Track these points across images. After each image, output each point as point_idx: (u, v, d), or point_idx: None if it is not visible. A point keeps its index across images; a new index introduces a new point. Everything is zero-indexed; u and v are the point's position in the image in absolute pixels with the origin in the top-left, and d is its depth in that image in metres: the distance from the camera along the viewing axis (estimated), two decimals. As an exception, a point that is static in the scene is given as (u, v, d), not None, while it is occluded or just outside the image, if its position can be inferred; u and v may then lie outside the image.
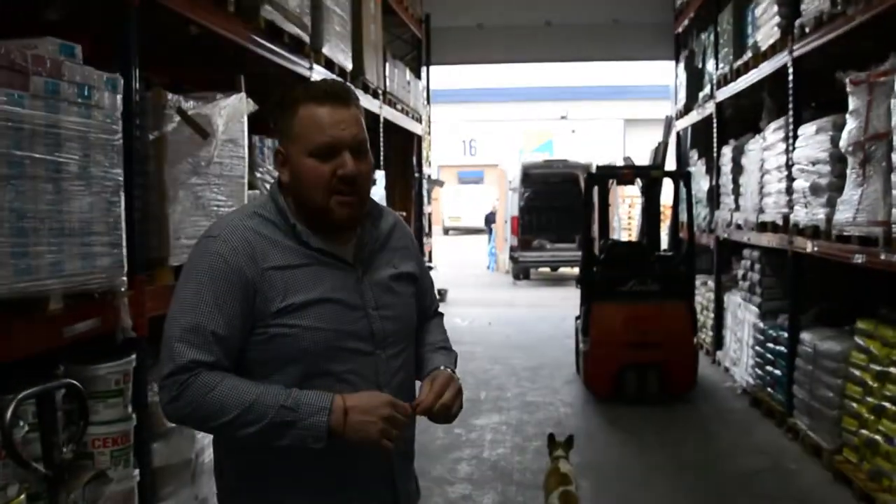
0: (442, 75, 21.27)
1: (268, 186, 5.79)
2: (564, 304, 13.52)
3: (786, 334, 6.93)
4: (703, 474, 5.92)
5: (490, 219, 24.07)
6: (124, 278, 3.68)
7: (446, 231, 35.52)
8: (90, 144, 3.38)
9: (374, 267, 2.21)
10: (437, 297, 2.60)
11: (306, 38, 6.51)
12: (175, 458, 4.24)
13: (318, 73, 7.14)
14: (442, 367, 2.23)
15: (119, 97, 3.62)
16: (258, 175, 5.64)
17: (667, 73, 15.00)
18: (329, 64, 7.42)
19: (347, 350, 2.10)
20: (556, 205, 19.18)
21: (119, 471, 3.70)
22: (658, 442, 6.65)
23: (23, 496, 3.03)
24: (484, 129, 37.05)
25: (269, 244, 2.09)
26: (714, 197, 9.57)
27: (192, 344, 2.00)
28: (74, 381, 2.79)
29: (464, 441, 6.79)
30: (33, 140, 3.02)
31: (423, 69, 13.67)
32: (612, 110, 34.29)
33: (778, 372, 7.14)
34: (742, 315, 8.27)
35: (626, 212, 22.30)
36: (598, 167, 9.58)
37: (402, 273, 2.27)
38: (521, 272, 19.92)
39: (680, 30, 12.43)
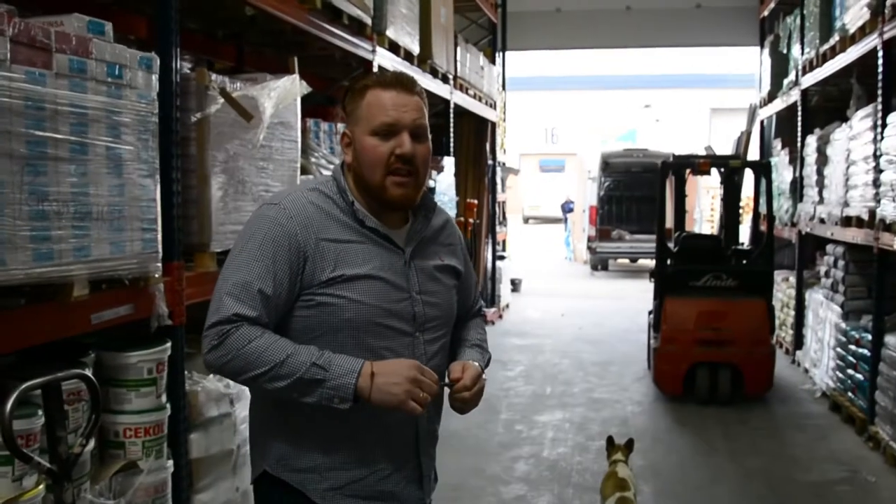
0: (524, 62, 20.99)
1: (322, 172, 5.69)
2: (642, 296, 13.12)
3: (869, 336, 6.54)
4: (773, 483, 5.58)
5: (566, 208, 23.72)
6: (158, 264, 3.57)
7: (526, 220, 35.27)
8: (121, 125, 3.27)
9: (422, 255, 2.31)
10: (480, 298, 2.64)
11: (367, 20, 6.35)
12: (214, 449, 4.14)
13: (382, 57, 6.97)
14: (475, 363, 2.31)
15: (155, 77, 3.50)
16: (312, 160, 5.50)
17: (754, 60, 14.46)
18: (394, 47, 7.25)
19: (388, 328, 2.20)
20: (636, 195, 18.77)
21: (151, 461, 3.62)
22: (727, 446, 6.32)
23: (41, 486, 2.95)
24: (566, 117, 36.51)
25: (326, 217, 2.20)
26: (797, 189, 9.12)
27: (238, 298, 2.10)
28: (84, 372, 2.65)
29: (524, 438, 6.58)
30: (56, 120, 2.91)
31: (499, 54, 13.40)
32: (698, 99, 33.42)
33: (860, 376, 6.74)
34: (824, 314, 7.85)
35: (709, 203, 21.67)
36: (673, 156, 9.20)
37: (446, 265, 2.37)
38: (599, 263, 19.62)
39: (765, 13, 11.93)
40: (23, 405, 2.78)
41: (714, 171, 9.13)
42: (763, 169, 8.35)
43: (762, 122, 11.94)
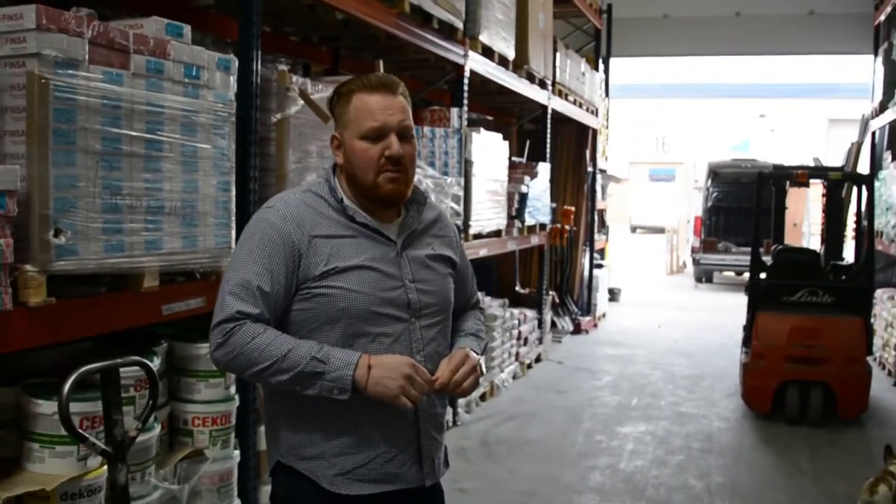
0: (635, 69, 20.66)
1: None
2: (744, 311, 12.79)
3: (973, 360, 6.23)
4: (859, 508, 5.37)
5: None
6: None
7: (634, 230, 34.74)
8: (197, 124, 3.38)
9: (414, 246, 2.42)
10: (476, 293, 2.73)
11: (458, 24, 6.41)
12: (283, 442, 4.23)
13: (475, 61, 7.02)
14: (462, 348, 2.41)
15: (233, 78, 3.62)
16: (396, 162, 5.57)
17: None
18: (487, 52, 7.28)
19: (383, 315, 2.30)
20: (743, 206, 18.23)
21: (217, 450, 3.73)
22: (813, 468, 6.10)
23: (104, 467, 3.08)
24: (678, 125, 35.81)
25: (318, 216, 2.33)
26: (906, 204, 8.76)
27: (240, 297, 2.22)
28: (143, 359, 2.76)
29: (602, 448, 6.50)
30: (132, 118, 3.04)
31: (602, 61, 13.28)
32: (815, 109, 32.22)
33: (962, 401, 6.43)
34: (928, 335, 7.52)
35: (819, 217, 20.95)
36: (773, 167, 8.94)
37: (439, 254, 2.48)
38: (704, 275, 19.17)
39: (881, 19, 11.49)
40: (88, 389, 2.93)
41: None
42: (864, 181, 8.04)
43: (873, 134, 11.50)
